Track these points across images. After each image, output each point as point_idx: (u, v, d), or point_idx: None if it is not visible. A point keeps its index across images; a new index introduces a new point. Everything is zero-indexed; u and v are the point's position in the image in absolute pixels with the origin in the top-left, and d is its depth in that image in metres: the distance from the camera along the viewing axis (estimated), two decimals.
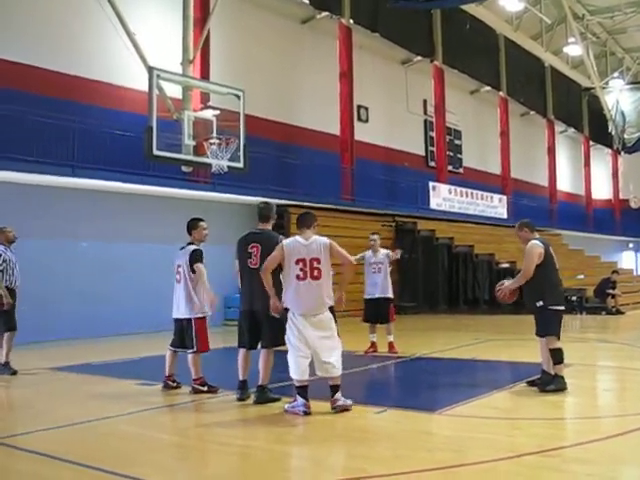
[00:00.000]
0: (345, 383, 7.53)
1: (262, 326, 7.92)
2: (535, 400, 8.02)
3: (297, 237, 7.46)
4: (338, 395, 7.37)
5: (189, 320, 8.80)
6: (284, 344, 7.69)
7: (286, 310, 7.42)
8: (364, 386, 10.01)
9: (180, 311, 8.87)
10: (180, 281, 8.87)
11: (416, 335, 17.07)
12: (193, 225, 9.13)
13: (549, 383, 8.36)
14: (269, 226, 8.34)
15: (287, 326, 7.40)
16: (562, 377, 8.34)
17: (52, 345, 14.87)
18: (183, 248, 9.01)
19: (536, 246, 8.49)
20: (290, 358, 7.33)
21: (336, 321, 7.77)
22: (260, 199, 20.41)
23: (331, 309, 7.58)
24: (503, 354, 12.71)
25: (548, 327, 8.46)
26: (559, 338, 8.45)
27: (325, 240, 7.51)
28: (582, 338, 15.58)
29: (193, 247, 8.91)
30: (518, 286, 8.62)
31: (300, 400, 7.25)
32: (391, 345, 12.55)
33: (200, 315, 8.81)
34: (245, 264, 8.08)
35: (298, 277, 7.29)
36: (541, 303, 8.42)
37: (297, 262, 7.26)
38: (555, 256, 8.67)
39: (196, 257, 8.78)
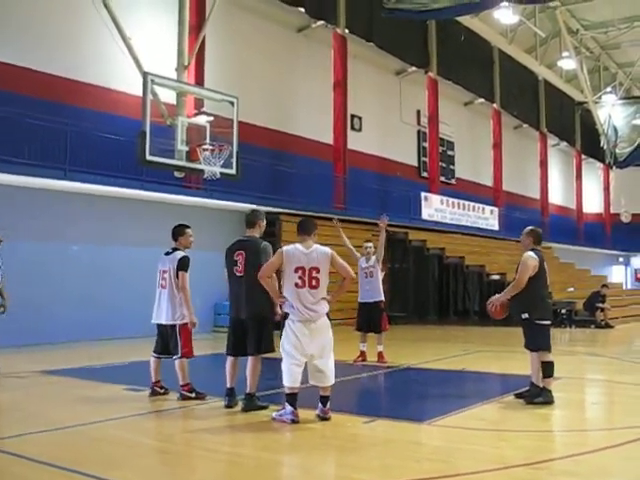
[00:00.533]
0: (334, 392, 7.52)
1: (248, 334, 7.94)
2: (523, 412, 8.03)
3: (297, 245, 7.45)
4: (328, 406, 7.37)
5: (173, 326, 8.74)
6: (271, 351, 7.80)
7: (285, 316, 7.42)
8: (353, 395, 9.99)
9: (164, 317, 8.79)
10: (165, 287, 8.81)
11: (406, 345, 17.06)
12: (179, 231, 9.11)
13: (537, 396, 8.37)
14: (256, 233, 8.34)
15: (284, 332, 7.37)
16: (550, 391, 8.35)
17: (43, 348, 14.80)
18: (168, 254, 8.96)
19: (531, 258, 8.49)
20: (284, 365, 7.31)
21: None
22: (252, 206, 20.53)
23: (328, 316, 7.56)
24: (492, 365, 12.72)
25: (538, 341, 8.47)
26: (550, 351, 8.46)
27: (327, 250, 7.53)
28: (571, 351, 15.60)
29: (181, 254, 8.87)
30: (509, 298, 8.58)
31: (289, 408, 7.23)
32: (380, 355, 12.54)
33: (185, 321, 8.75)
34: (232, 272, 8.13)
35: (297, 285, 7.30)
36: (526, 316, 8.45)
37: (296, 270, 7.28)
38: (548, 271, 8.68)
39: (183, 265, 8.76)
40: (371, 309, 12.57)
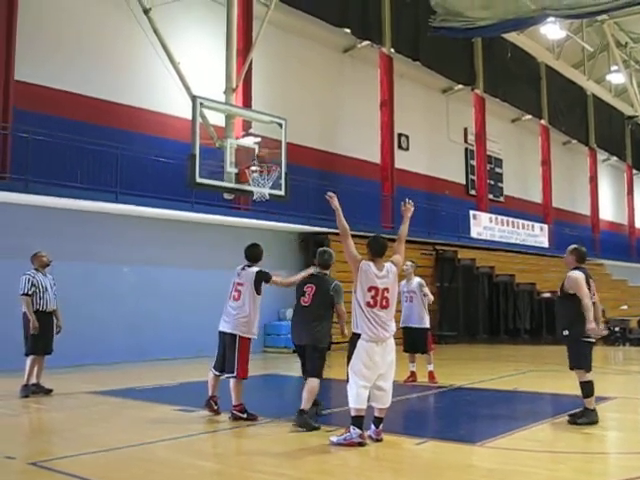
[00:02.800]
0: (385, 413, 7.48)
1: (307, 358, 8.41)
2: (577, 433, 7.89)
3: (371, 264, 7.49)
4: (381, 427, 7.35)
5: (234, 336, 8.74)
6: (317, 377, 8.14)
7: (356, 336, 7.35)
8: (404, 416, 9.93)
9: (229, 326, 8.81)
10: (239, 298, 8.84)
11: (456, 365, 16.91)
12: (260, 251, 9.42)
13: (577, 416, 8.22)
14: (328, 272, 8.88)
15: (355, 353, 7.28)
16: (593, 410, 8.18)
17: (94, 369, 15.00)
18: (244, 268, 9.08)
19: (577, 274, 8.38)
20: (352, 387, 7.23)
21: None
22: (301, 227, 20.65)
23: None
24: (544, 385, 12.53)
25: (578, 360, 8.32)
26: (589, 370, 8.29)
27: (395, 269, 7.63)
28: (625, 370, 15.31)
29: (257, 268, 9.03)
30: (576, 322, 8.26)
31: (357, 431, 7.13)
32: (431, 375, 12.48)
33: (247, 336, 8.78)
34: (299, 301, 8.63)
35: (369, 304, 7.30)
36: (567, 332, 8.31)
37: (369, 289, 7.33)
38: (593, 288, 8.50)
39: (263, 276, 8.98)
40: (413, 333, 12.47)
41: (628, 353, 20.81)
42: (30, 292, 10.97)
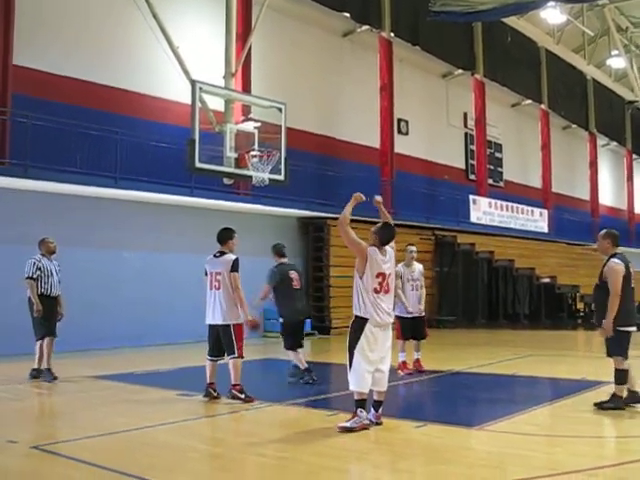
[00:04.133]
0: (385, 397, 7.52)
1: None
2: (575, 418, 7.95)
3: (376, 249, 7.45)
4: (380, 411, 7.40)
5: (227, 326, 8.90)
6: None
7: (359, 321, 7.35)
8: (403, 400, 9.99)
9: (219, 317, 8.94)
10: (220, 288, 8.95)
11: (455, 349, 16.98)
12: (229, 235, 9.33)
13: (605, 401, 8.22)
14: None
15: (362, 338, 7.25)
16: (621, 397, 8.14)
17: (95, 354, 15.06)
18: (217, 256, 9.14)
19: (617, 264, 8.30)
20: (357, 371, 7.21)
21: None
22: (300, 212, 20.66)
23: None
24: (543, 370, 12.56)
25: (615, 348, 8.22)
26: (627, 358, 8.21)
27: (393, 253, 7.67)
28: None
29: (232, 256, 9.08)
30: (616, 312, 8.12)
31: (364, 413, 7.19)
32: (419, 362, 12.03)
33: (239, 321, 8.95)
34: (290, 286, 10.70)
35: (376, 290, 7.32)
36: (611, 323, 8.14)
37: (377, 276, 7.33)
38: (633, 274, 8.41)
39: (236, 266, 9.00)
40: (417, 321, 11.95)
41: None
42: (35, 276, 11.05)
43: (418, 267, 12.21)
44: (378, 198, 8.25)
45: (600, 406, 8.20)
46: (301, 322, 11.01)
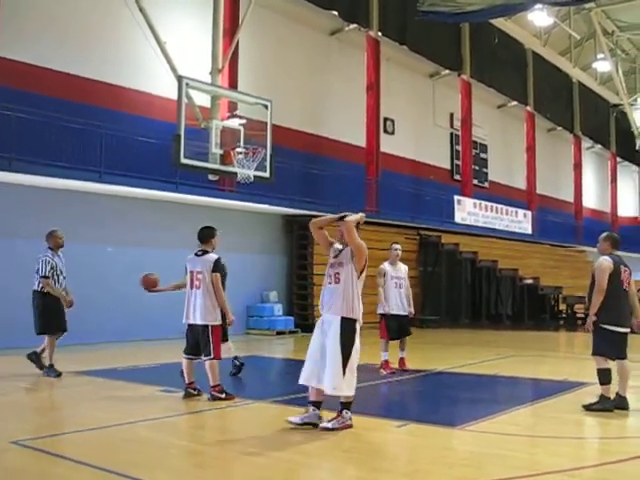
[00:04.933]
0: (366, 396, 7.54)
1: None
2: (557, 418, 7.97)
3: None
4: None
5: (206, 327, 8.83)
6: None
7: (352, 322, 7.22)
8: (385, 399, 10.00)
9: (198, 317, 8.87)
10: (200, 287, 8.89)
11: (438, 349, 17.02)
12: (211, 234, 9.25)
13: (592, 402, 8.24)
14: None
15: (356, 340, 7.19)
16: (608, 398, 8.16)
17: (77, 349, 14.96)
18: (199, 255, 9.07)
19: (606, 261, 8.28)
20: (354, 375, 7.14)
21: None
22: (285, 210, 20.65)
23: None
24: (525, 370, 12.61)
25: (597, 346, 8.23)
26: (612, 358, 8.19)
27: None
28: None
29: (214, 256, 9.01)
30: (598, 307, 8.16)
31: (349, 414, 7.14)
32: (403, 361, 12.04)
33: (217, 323, 8.88)
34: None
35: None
36: (594, 318, 8.17)
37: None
38: (625, 277, 8.33)
39: (218, 267, 8.94)
40: (401, 319, 11.93)
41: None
42: (49, 274, 11.00)
43: (404, 266, 12.21)
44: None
45: (589, 408, 8.21)
46: None
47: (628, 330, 8.28)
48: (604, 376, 8.21)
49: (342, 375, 6.99)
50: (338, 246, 7.42)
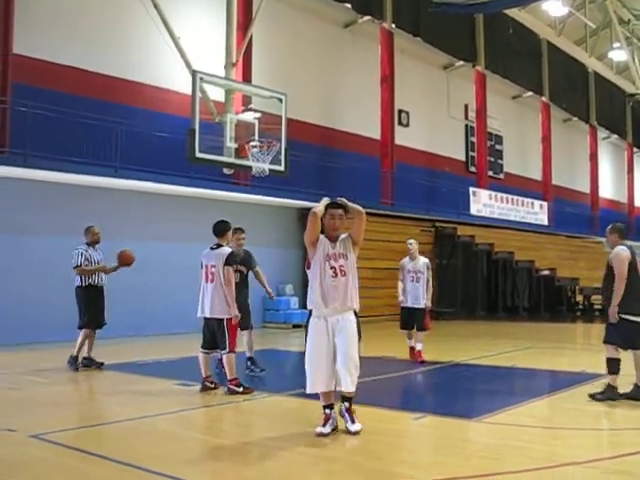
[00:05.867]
0: (383, 389, 7.53)
1: None
2: (574, 410, 7.95)
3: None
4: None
5: (221, 320, 8.88)
6: None
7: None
8: (402, 391, 10.00)
9: (212, 311, 8.91)
10: (214, 281, 8.93)
11: (454, 341, 16.98)
12: (226, 228, 9.32)
13: (598, 392, 8.24)
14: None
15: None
16: (615, 387, 8.17)
17: (95, 343, 15.04)
18: (214, 249, 9.12)
19: (623, 250, 8.29)
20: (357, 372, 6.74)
21: None
22: (300, 202, 20.64)
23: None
24: (542, 362, 12.58)
25: (610, 335, 8.27)
26: (625, 349, 8.21)
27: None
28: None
29: (228, 249, 9.08)
30: (621, 295, 8.15)
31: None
32: (419, 353, 12.09)
33: (232, 315, 8.90)
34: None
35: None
36: (617, 309, 8.16)
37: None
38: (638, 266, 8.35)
39: (231, 260, 8.98)
40: (415, 312, 12.12)
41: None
42: (84, 265, 11.15)
43: (423, 260, 12.35)
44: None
45: (594, 397, 8.22)
46: None
47: None
48: (613, 365, 8.24)
49: (358, 369, 6.74)
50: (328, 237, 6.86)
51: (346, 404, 6.75)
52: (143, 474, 5.43)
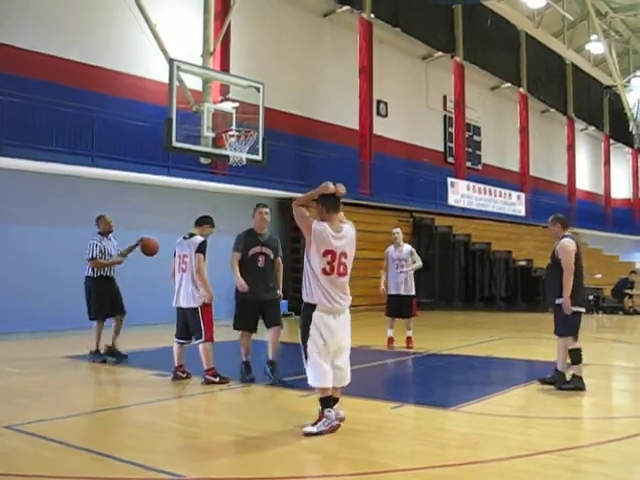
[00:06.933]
0: (361, 378, 7.53)
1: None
2: (550, 399, 8.00)
3: (326, 225, 6.50)
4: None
5: (195, 309, 8.83)
6: None
7: (310, 307, 6.56)
8: (380, 381, 10.01)
9: (185, 300, 8.89)
10: (186, 270, 8.91)
11: (432, 331, 17.04)
12: (207, 221, 9.35)
13: (562, 382, 8.35)
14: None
15: (312, 327, 6.41)
16: (580, 377, 8.30)
17: (69, 334, 14.93)
18: (186, 238, 9.10)
19: (570, 242, 8.40)
20: (315, 364, 6.33)
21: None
22: (278, 192, 20.58)
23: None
24: (519, 352, 12.65)
25: (567, 327, 8.41)
26: (577, 339, 8.41)
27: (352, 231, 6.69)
28: (598, 338, 15.49)
29: (200, 238, 9.04)
30: (571, 286, 8.26)
31: (332, 412, 6.39)
32: (409, 340, 12.55)
33: (206, 302, 8.85)
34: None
35: (324, 271, 6.45)
36: (560, 301, 8.31)
37: (325, 254, 6.47)
38: (583, 257, 8.53)
39: (201, 248, 8.93)
40: (401, 299, 12.57)
41: (601, 321, 21.09)
42: (96, 256, 11.09)
43: (406, 248, 12.80)
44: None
45: (560, 387, 8.34)
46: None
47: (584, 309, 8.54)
48: (577, 355, 8.38)
49: (305, 363, 6.47)
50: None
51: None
52: (119, 464, 5.38)
